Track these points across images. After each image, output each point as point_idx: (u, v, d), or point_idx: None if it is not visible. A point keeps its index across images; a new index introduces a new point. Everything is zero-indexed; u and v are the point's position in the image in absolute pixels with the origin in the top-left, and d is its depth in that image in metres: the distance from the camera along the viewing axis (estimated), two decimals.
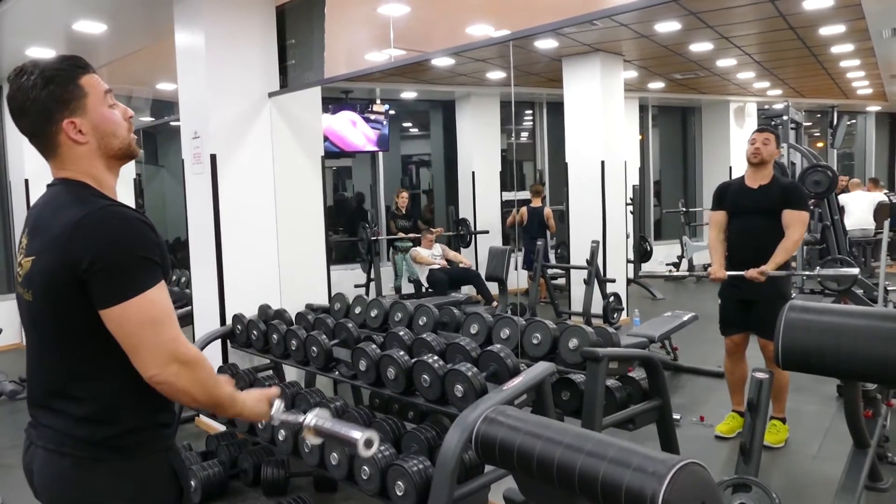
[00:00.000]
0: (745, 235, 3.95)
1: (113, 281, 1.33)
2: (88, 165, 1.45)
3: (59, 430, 1.41)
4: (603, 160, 7.49)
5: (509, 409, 1.76)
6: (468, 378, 2.68)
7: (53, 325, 1.40)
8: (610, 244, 7.57)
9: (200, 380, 1.41)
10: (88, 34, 5.34)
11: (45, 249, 1.37)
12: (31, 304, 1.42)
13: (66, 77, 1.42)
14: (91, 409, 1.39)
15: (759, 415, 2.90)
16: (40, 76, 1.41)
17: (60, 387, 1.41)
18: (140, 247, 1.36)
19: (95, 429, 1.39)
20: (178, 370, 1.36)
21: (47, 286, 1.37)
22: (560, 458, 1.51)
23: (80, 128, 1.43)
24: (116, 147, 1.48)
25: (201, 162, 4.38)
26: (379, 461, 2.63)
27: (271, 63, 4.57)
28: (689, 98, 11.41)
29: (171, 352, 1.36)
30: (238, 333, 4.21)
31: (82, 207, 1.36)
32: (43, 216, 1.43)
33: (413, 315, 3.74)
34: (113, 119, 1.48)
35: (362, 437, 1.45)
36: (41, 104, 1.40)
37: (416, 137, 12.24)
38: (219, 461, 3.62)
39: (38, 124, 1.42)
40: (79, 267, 1.32)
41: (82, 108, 1.43)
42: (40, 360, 1.46)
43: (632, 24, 6.36)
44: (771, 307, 3.69)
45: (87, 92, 1.44)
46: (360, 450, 1.45)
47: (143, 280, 1.35)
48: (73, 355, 1.40)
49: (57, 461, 1.41)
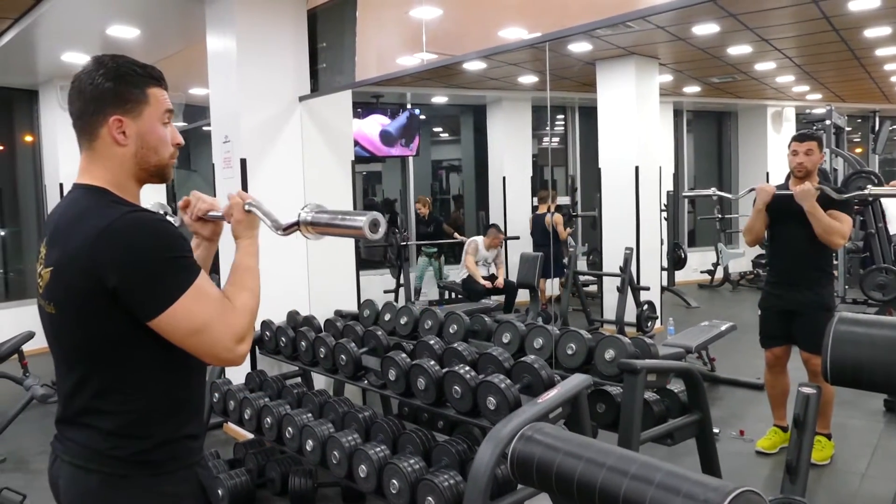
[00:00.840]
0: (787, 244, 3.79)
1: (151, 291, 1.29)
2: (118, 169, 1.41)
3: (86, 445, 1.36)
4: (637, 165, 7.36)
5: (547, 427, 1.67)
6: (501, 390, 2.59)
7: (79, 338, 1.35)
8: (644, 251, 7.44)
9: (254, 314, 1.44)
10: (122, 39, 5.37)
11: (67, 261, 1.32)
12: (54, 317, 1.37)
13: (135, 80, 1.41)
14: (119, 422, 1.35)
15: (807, 432, 2.77)
16: (113, 70, 1.39)
17: (87, 401, 1.36)
18: (167, 248, 1.31)
19: (124, 443, 1.35)
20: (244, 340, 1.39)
21: (71, 300, 1.33)
22: (603, 481, 1.41)
23: (125, 129, 1.39)
24: (153, 163, 1.44)
25: (231, 166, 4.36)
26: (408, 475, 2.55)
27: (302, 66, 4.54)
28: (725, 102, 11.20)
29: (231, 338, 1.36)
30: (267, 340, 4.16)
31: (103, 216, 1.31)
32: (62, 224, 1.38)
33: (443, 323, 3.66)
34: (161, 135, 1.44)
35: (366, 220, 1.36)
36: (99, 92, 1.37)
37: (447, 142, 12.19)
38: (246, 470, 3.57)
39: (89, 109, 1.39)
40: (106, 280, 1.27)
41: (137, 112, 1.40)
42: (65, 374, 1.40)
43: (668, 27, 6.23)
44: (814, 319, 3.57)
45: (150, 101, 1.42)
46: (366, 233, 1.35)
47: (180, 281, 1.31)
48: (99, 369, 1.35)
49: (83, 478, 1.36)
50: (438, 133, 12.01)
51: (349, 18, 4.49)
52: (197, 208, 1.61)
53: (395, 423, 3.01)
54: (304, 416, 3.24)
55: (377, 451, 2.75)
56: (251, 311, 1.43)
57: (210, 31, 4.53)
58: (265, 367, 4.26)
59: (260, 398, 3.57)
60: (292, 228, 1.51)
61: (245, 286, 1.46)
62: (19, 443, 4.42)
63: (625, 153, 7.45)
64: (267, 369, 4.18)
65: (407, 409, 3.81)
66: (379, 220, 1.37)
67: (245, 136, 4.30)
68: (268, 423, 3.38)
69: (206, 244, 1.66)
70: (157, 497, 1.37)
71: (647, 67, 7.49)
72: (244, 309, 1.41)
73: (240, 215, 1.54)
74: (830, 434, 3.85)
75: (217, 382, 3.90)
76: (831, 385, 2.63)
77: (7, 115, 8.12)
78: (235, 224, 1.54)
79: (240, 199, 1.54)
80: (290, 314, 4.29)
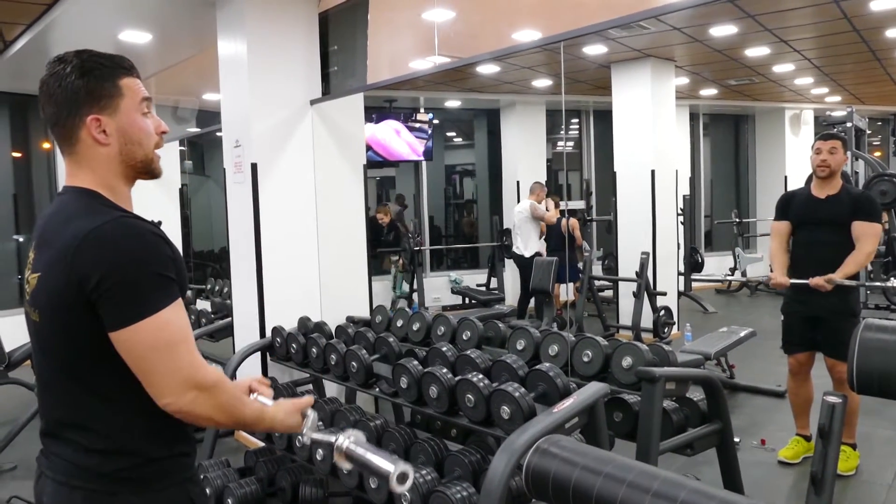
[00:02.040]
0: (812, 249, 3.70)
1: (124, 300, 1.21)
2: (105, 170, 1.34)
3: (68, 460, 1.29)
4: (653, 169, 7.26)
5: (563, 440, 1.60)
6: (515, 399, 2.52)
7: (61, 348, 1.28)
8: (660, 256, 7.33)
9: (221, 404, 1.28)
10: (134, 44, 5.36)
11: (51, 265, 1.25)
12: (38, 324, 1.31)
13: (105, 73, 1.32)
14: (102, 439, 1.28)
15: (832, 442, 2.67)
16: (79, 66, 1.31)
17: (69, 415, 1.30)
18: (154, 262, 1.24)
19: (108, 460, 1.27)
20: (196, 397, 1.25)
21: (53, 306, 1.26)
22: (623, 498, 1.34)
23: (105, 127, 1.32)
24: (139, 158, 1.37)
25: (242, 171, 4.32)
26: (420, 486, 2.48)
27: (313, 70, 4.50)
28: (742, 105, 11.07)
29: (186, 378, 1.24)
30: (277, 346, 4.12)
31: (91, 219, 1.24)
32: (49, 228, 1.31)
33: (456, 329, 3.60)
34: (143, 127, 1.36)
35: (395, 470, 1.27)
36: (70, 92, 1.30)
37: (460, 147, 12.13)
38: (257, 478, 3.51)
39: (63, 113, 1.31)
40: (86, 285, 1.20)
41: (113, 107, 1.32)
42: (48, 386, 1.34)
43: (684, 28, 6.14)
44: (839, 325, 3.47)
45: (124, 93, 1.34)
46: (392, 485, 1.28)
47: (156, 299, 1.22)
48: (82, 382, 1.28)
49: (66, 494, 1.29)
50: (452, 137, 11.96)
51: (361, 21, 4.44)
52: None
53: (406, 432, 2.94)
54: None
55: None
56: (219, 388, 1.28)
57: (221, 35, 4.50)
58: (276, 373, 4.21)
59: None
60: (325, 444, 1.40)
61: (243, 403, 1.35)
62: (30, 450, 4.34)
63: (640, 157, 7.36)
64: (278, 376, 4.13)
65: (420, 417, 3.74)
66: (408, 473, 1.28)
67: (256, 141, 4.26)
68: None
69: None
70: None
71: (662, 70, 7.40)
72: (217, 378, 1.29)
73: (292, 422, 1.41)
74: (856, 444, 3.74)
75: None
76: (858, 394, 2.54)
77: (22, 122, 8.16)
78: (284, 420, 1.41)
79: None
80: (301, 320, 4.24)
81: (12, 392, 4.97)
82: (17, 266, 8.12)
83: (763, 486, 3.57)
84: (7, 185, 8.12)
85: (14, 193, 8.14)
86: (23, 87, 7.33)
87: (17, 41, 5.53)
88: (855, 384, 2.40)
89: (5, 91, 7.44)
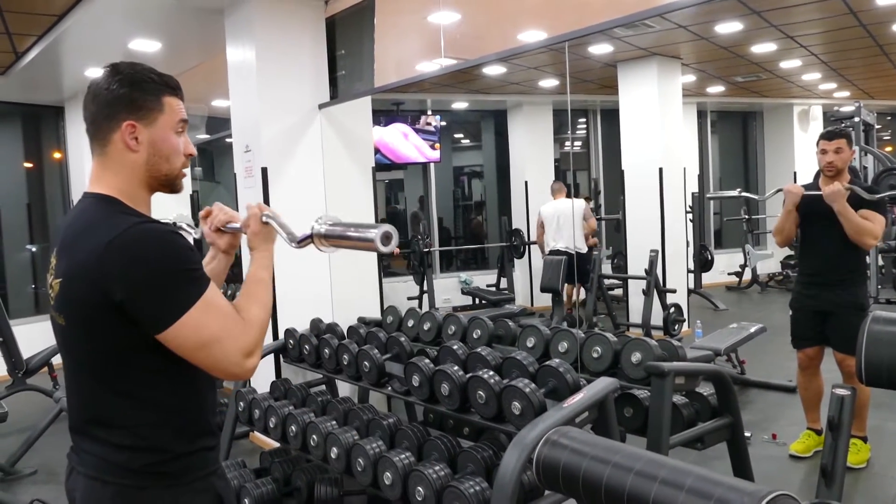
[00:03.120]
0: (819, 244, 3.70)
1: (159, 303, 1.27)
2: (129, 176, 1.40)
3: (99, 456, 1.35)
4: (661, 167, 7.28)
5: (572, 431, 1.63)
6: (526, 395, 2.55)
7: (87, 351, 1.34)
8: (669, 253, 7.34)
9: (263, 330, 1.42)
10: (144, 53, 5.43)
11: (75, 273, 1.31)
12: (64, 328, 1.37)
13: (151, 87, 1.40)
14: (130, 436, 1.33)
15: (842, 435, 2.69)
16: (129, 76, 1.39)
17: (98, 414, 1.35)
18: (176, 260, 1.29)
19: (136, 456, 1.33)
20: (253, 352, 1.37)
21: (79, 312, 1.32)
22: (631, 486, 1.37)
23: (138, 135, 1.38)
24: (164, 172, 1.43)
25: (253, 175, 4.37)
26: (434, 482, 2.51)
27: (321, 74, 4.55)
28: (750, 102, 11.04)
29: (241, 349, 1.35)
30: (290, 348, 4.16)
31: (111, 228, 1.29)
32: (70, 235, 1.37)
33: (467, 328, 3.63)
34: (174, 144, 1.43)
35: (378, 233, 1.33)
36: (114, 97, 1.37)
37: (468, 148, 12.16)
38: (272, 478, 3.55)
39: (102, 113, 1.38)
40: (113, 293, 1.26)
41: (151, 119, 1.39)
42: (77, 387, 1.40)
43: (690, 26, 6.15)
44: (848, 319, 3.48)
45: (164, 110, 1.41)
46: (378, 247, 1.33)
47: (189, 293, 1.29)
48: (108, 383, 1.33)
49: (99, 489, 1.34)
50: (459, 139, 12.00)
51: (367, 25, 4.49)
52: (217, 219, 1.59)
53: (419, 430, 2.97)
54: (328, 423, 3.22)
55: (402, 459, 2.72)
56: (261, 325, 1.41)
57: (230, 42, 4.56)
58: (289, 375, 4.25)
59: (284, 406, 3.56)
60: (306, 241, 1.48)
61: (257, 299, 1.44)
62: (50, 455, 4.45)
63: (648, 155, 7.37)
64: (291, 377, 4.18)
65: (433, 416, 3.78)
66: (391, 232, 1.34)
67: (266, 146, 4.32)
68: (292, 432, 3.37)
69: (222, 256, 1.64)
70: None
71: (669, 68, 7.41)
72: (254, 322, 1.39)
73: (256, 227, 1.51)
74: (866, 437, 3.75)
75: (242, 391, 3.90)
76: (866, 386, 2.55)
77: (35, 132, 8.26)
78: (252, 235, 1.52)
79: (258, 210, 1.52)
80: (313, 322, 4.29)
81: (31, 398, 5.04)
82: (32, 275, 8.21)
83: (774, 479, 3.58)
84: (20, 195, 8.22)
85: (28, 203, 8.25)
86: (35, 97, 7.44)
87: (29, 52, 5.61)
88: (863, 376, 2.41)
89: (18, 102, 7.53)
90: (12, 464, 4.30)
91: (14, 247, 8.05)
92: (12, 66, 6.09)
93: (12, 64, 6.05)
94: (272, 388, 3.95)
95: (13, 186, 8.20)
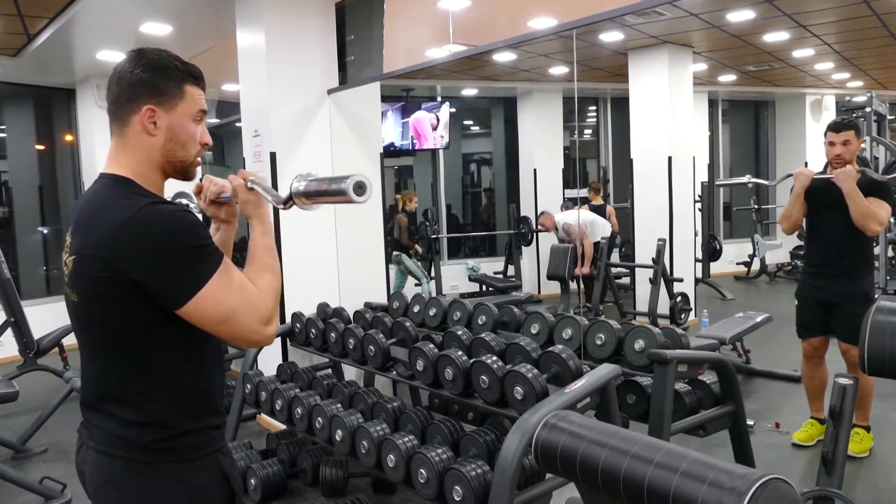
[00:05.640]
0: (826, 234, 3.70)
1: (177, 281, 1.31)
2: (145, 158, 1.43)
3: (109, 431, 1.38)
4: (670, 156, 7.26)
5: (571, 415, 1.65)
6: (528, 380, 2.57)
7: (100, 328, 1.37)
8: (677, 242, 7.34)
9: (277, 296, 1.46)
10: (155, 36, 5.45)
11: (90, 252, 1.34)
12: (77, 305, 1.40)
13: (174, 74, 1.42)
14: (140, 412, 1.37)
15: (843, 423, 2.71)
16: (153, 62, 1.41)
17: (109, 389, 1.39)
18: (188, 237, 1.32)
19: (145, 431, 1.37)
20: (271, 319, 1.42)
21: (93, 290, 1.34)
22: (627, 469, 1.39)
23: (157, 119, 1.41)
24: (179, 158, 1.46)
25: (261, 160, 4.40)
26: (436, 465, 2.55)
27: (330, 60, 4.56)
28: (761, 91, 10.97)
29: (258, 321, 1.39)
30: (297, 332, 4.20)
31: (125, 208, 1.32)
32: (84, 214, 1.40)
33: (472, 314, 3.66)
34: (191, 132, 1.46)
35: (350, 183, 1.35)
36: (136, 80, 1.40)
37: (478, 135, 12.15)
38: (278, 460, 3.60)
39: (124, 96, 1.41)
40: (128, 272, 1.29)
41: (171, 105, 1.42)
42: (89, 362, 1.43)
43: (702, 14, 6.11)
44: (853, 309, 3.47)
45: (185, 98, 1.43)
46: (352, 198, 1.36)
47: (204, 269, 1.33)
48: (120, 359, 1.37)
49: (108, 463, 1.38)
50: (469, 126, 11.98)
51: (377, 11, 4.49)
52: (210, 191, 1.60)
53: (423, 414, 3.00)
54: (333, 406, 3.25)
55: (405, 441, 2.76)
56: (275, 291, 1.45)
57: (240, 26, 4.57)
58: (296, 358, 4.29)
59: (290, 389, 3.60)
60: (290, 202, 1.50)
61: (266, 266, 1.47)
62: (60, 434, 4.53)
63: (657, 144, 7.35)
64: (298, 361, 4.22)
65: (437, 400, 3.81)
66: (363, 182, 1.35)
67: (275, 130, 4.34)
68: (298, 414, 3.41)
69: (225, 227, 1.65)
70: (180, 484, 1.38)
71: (680, 56, 7.37)
72: (268, 290, 1.43)
73: (245, 195, 1.52)
74: (870, 426, 3.76)
75: (249, 374, 3.94)
76: (869, 376, 2.56)
77: (46, 115, 8.30)
78: (243, 204, 1.53)
79: (241, 178, 1.53)
80: (319, 306, 4.32)
81: (42, 378, 5.11)
82: (43, 257, 8.28)
83: (776, 467, 3.60)
84: (32, 178, 8.27)
85: (39, 185, 8.30)
86: (47, 80, 7.46)
87: (41, 34, 5.64)
88: (866, 365, 2.43)
89: (30, 84, 7.56)
90: (23, 442, 4.37)
91: (26, 229, 8.12)
92: (24, 48, 6.12)
93: (24, 46, 6.08)
94: (279, 370, 3.99)
95: (25, 168, 8.26)
